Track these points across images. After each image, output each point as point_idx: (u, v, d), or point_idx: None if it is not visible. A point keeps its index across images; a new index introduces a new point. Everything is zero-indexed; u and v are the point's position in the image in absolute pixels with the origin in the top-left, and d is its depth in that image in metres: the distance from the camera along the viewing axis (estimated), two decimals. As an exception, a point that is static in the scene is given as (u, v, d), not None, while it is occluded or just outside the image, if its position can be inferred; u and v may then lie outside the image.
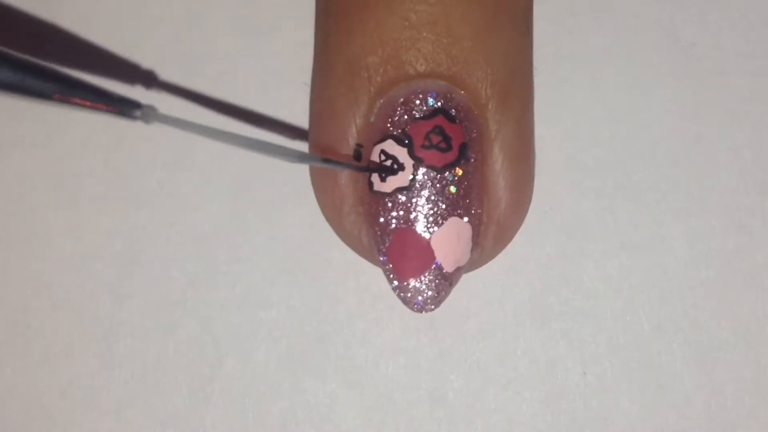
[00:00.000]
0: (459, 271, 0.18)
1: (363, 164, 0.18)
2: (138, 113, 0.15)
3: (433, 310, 0.18)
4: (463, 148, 0.18)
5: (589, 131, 0.21)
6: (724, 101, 0.22)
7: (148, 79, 0.21)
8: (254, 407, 0.21)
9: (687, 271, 0.21)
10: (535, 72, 0.20)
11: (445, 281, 0.18)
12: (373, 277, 0.20)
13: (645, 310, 0.21)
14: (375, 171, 0.18)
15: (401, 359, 0.21)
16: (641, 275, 0.21)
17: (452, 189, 0.17)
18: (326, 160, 0.17)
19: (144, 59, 0.22)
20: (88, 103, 0.15)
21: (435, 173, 0.17)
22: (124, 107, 0.15)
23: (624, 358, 0.21)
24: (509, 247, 0.20)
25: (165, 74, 0.22)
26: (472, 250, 0.18)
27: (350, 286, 0.21)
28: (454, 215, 0.18)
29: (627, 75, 0.22)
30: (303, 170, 0.20)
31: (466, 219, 0.18)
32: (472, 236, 0.18)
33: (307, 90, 0.21)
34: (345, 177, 0.18)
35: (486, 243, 0.18)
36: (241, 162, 0.21)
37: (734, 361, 0.21)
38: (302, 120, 0.21)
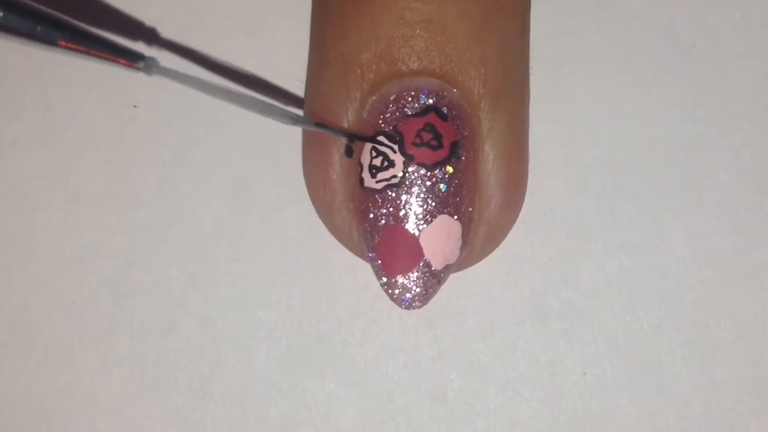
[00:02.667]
0: (448, 269, 0.18)
1: (356, 157, 0.18)
2: (141, 64, 0.15)
3: (420, 307, 0.18)
4: (455, 146, 0.18)
5: (589, 131, 0.21)
6: (724, 101, 0.22)
7: (149, 36, 0.21)
8: (254, 407, 0.21)
9: (687, 271, 0.21)
10: (534, 72, 0.20)
11: (434, 279, 0.18)
12: (372, 276, 0.20)
13: (645, 310, 0.21)
14: (368, 141, 0.18)
15: (401, 359, 0.21)
16: (641, 275, 0.21)
17: (442, 187, 0.17)
18: (319, 125, 0.17)
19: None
20: (92, 52, 0.15)
21: (425, 170, 0.17)
22: (128, 57, 0.15)
23: (624, 358, 0.21)
24: (509, 246, 0.20)
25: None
26: (462, 248, 0.18)
27: (349, 285, 0.21)
28: (444, 213, 0.18)
29: (627, 75, 0.22)
30: (302, 170, 0.20)
31: (456, 217, 0.18)
32: (462, 234, 0.18)
33: (302, 86, 0.21)
34: (336, 173, 0.18)
35: (476, 242, 0.18)
36: (241, 162, 0.21)
37: (734, 361, 0.21)
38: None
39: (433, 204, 0.18)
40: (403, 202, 0.17)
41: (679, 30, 0.22)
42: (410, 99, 0.18)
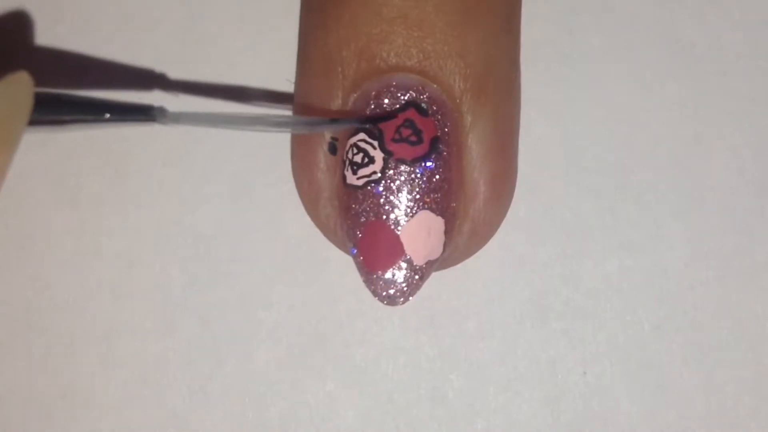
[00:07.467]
0: (430, 265, 0.18)
1: (339, 157, 0.18)
2: (156, 117, 0.16)
3: (402, 303, 0.18)
4: (435, 141, 0.18)
5: (589, 131, 0.21)
6: (724, 101, 0.21)
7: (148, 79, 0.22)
8: (254, 407, 0.21)
9: (687, 271, 0.21)
10: (535, 72, 0.20)
11: (415, 275, 0.18)
12: (372, 276, 0.20)
13: (645, 310, 0.21)
14: (364, 122, 0.18)
15: (401, 359, 0.21)
16: (641, 275, 0.21)
17: (421, 183, 0.18)
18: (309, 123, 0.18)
19: (143, 60, 0.22)
20: (102, 120, 0.15)
21: (405, 166, 0.17)
22: (140, 115, 0.16)
23: (624, 358, 0.21)
24: (509, 246, 0.20)
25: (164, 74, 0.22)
26: (445, 245, 0.18)
27: (350, 285, 0.21)
28: (424, 209, 0.18)
29: (627, 75, 0.22)
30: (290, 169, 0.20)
31: (438, 213, 0.18)
32: (446, 231, 0.18)
33: (292, 86, 0.21)
34: (321, 171, 0.18)
35: (459, 238, 0.18)
36: (241, 162, 0.21)
37: (734, 361, 0.21)
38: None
39: (413, 200, 0.18)
40: (383, 198, 0.18)
41: (679, 30, 0.22)
42: (389, 95, 0.18)
